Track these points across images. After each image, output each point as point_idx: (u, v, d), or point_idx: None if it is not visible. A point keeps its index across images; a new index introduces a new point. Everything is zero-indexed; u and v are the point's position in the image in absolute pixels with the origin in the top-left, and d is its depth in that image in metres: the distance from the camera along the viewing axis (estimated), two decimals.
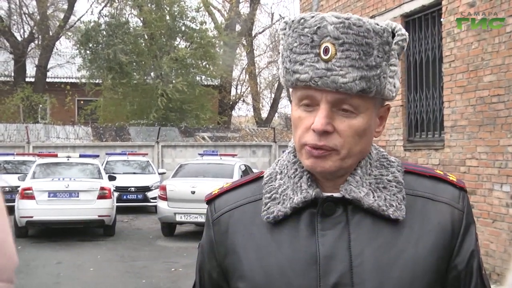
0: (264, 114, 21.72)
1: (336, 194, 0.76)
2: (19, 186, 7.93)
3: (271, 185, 0.79)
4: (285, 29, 0.75)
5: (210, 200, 0.84)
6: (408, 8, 5.59)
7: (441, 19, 5.16)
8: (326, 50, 0.70)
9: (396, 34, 0.73)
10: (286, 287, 0.74)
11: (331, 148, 0.73)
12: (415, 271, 0.73)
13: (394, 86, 0.75)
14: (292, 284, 0.74)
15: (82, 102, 19.34)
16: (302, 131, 0.74)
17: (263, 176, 0.82)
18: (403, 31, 0.74)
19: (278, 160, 0.83)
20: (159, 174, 11.38)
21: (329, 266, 0.73)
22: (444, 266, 0.76)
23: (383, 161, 0.79)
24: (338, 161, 0.74)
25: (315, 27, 0.71)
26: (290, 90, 0.78)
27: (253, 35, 21.23)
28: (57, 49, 18.93)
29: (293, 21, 0.74)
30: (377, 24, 0.72)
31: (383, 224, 0.75)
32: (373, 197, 0.75)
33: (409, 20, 5.65)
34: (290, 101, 0.84)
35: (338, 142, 0.73)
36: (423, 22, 5.50)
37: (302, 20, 0.73)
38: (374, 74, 0.71)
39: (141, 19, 17.35)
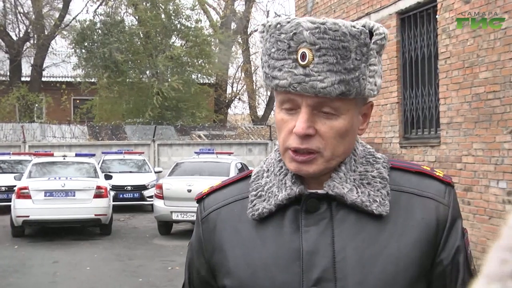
0: (260, 112, 21.67)
1: (320, 191, 0.77)
2: (15, 186, 7.87)
3: (258, 183, 0.80)
4: (263, 32, 0.75)
5: (200, 199, 0.85)
6: (403, 5, 5.56)
7: (437, 16, 5.15)
8: (303, 56, 0.71)
9: (374, 34, 0.73)
10: (270, 282, 0.75)
11: (314, 150, 0.74)
12: (398, 265, 0.74)
13: (375, 85, 0.75)
14: (276, 279, 0.75)
15: (78, 101, 19.25)
16: (285, 134, 0.75)
17: (251, 175, 0.83)
18: (381, 29, 0.74)
19: (266, 159, 0.84)
20: (155, 172, 11.32)
21: (312, 262, 0.74)
22: (428, 261, 0.75)
23: (369, 158, 0.80)
24: (322, 164, 0.75)
25: (291, 33, 0.71)
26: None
27: (248, 33, 21.18)
28: (52, 48, 18.82)
29: (270, 25, 0.74)
30: (354, 27, 0.72)
31: (367, 219, 0.75)
32: (356, 193, 0.75)
33: (404, 17, 5.63)
34: None
35: (321, 144, 0.74)
36: (418, 19, 5.48)
37: (279, 25, 0.73)
38: (352, 77, 0.71)
39: (136, 17, 17.26)
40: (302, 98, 0.72)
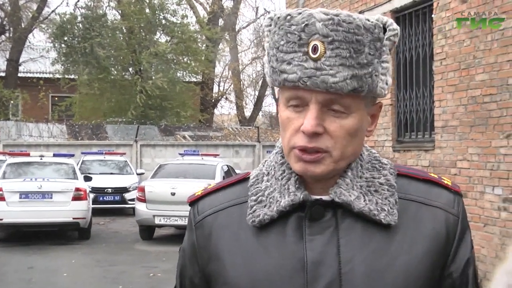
0: (248, 112, 21.42)
1: (325, 197, 0.74)
2: None
3: (258, 187, 0.77)
4: (270, 25, 0.73)
5: (193, 202, 0.81)
6: (398, 3, 5.48)
7: (432, 15, 5.05)
8: (314, 49, 0.69)
9: (387, 29, 0.71)
10: None
11: (322, 150, 0.71)
12: (408, 278, 0.72)
13: (386, 84, 0.73)
14: None
15: (56, 98, 18.70)
16: (291, 133, 0.72)
17: (249, 178, 0.80)
18: (395, 25, 0.72)
19: (265, 161, 0.81)
20: (138, 174, 11.15)
21: (317, 273, 0.72)
22: (438, 274, 0.74)
23: (375, 163, 0.77)
24: (331, 165, 0.72)
25: (303, 25, 0.69)
26: (277, 89, 0.76)
27: (236, 30, 20.97)
28: (29, 42, 18.29)
29: (279, 17, 0.72)
30: (368, 20, 0.70)
31: (374, 229, 0.73)
32: (364, 201, 0.74)
33: (399, 16, 5.55)
34: (275, 99, 0.81)
35: (330, 143, 0.71)
36: (413, 18, 5.41)
37: (289, 17, 0.70)
38: (365, 72, 0.70)
39: (120, 11, 16.86)
40: (312, 94, 0.70)
